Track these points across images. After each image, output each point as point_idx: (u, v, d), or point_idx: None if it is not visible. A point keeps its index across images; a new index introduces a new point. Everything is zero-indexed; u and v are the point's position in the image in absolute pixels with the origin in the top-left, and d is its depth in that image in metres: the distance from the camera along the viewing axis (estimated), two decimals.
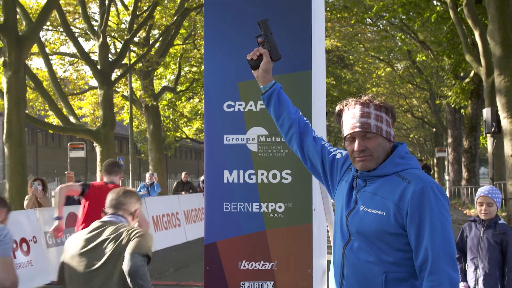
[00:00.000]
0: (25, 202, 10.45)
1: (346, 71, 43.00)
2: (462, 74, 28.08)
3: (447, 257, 2.74)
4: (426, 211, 2.76)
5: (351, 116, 2.98)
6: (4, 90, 18.63)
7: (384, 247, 2.85)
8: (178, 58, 33.24)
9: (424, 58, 34.63)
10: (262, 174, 4.10)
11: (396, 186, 2.86)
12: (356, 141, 2.95)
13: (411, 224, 2.78)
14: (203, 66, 32.27)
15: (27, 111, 22.34)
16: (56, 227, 6.43)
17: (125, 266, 3.40)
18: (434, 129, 47.71)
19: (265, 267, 4.05)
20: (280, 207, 4.06)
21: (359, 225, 2.92)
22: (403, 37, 32.61)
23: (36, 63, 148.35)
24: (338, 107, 3.08)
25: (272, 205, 4.06)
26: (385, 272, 2.84)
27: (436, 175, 44.97)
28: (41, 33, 26.20)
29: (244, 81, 4.17)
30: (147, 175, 20.44)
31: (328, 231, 3.96)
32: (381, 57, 40.14)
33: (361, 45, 38.48)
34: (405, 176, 2.88)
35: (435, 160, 46.84)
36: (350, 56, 41.24)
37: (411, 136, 58.98)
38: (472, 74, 26.30)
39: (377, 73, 43.97)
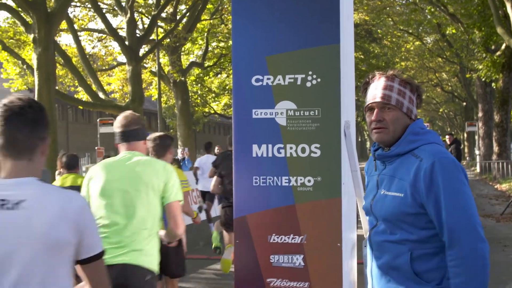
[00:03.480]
0: (56, 177, 10.60)
1: (375, 45, 42.62)
2: (493, 47, 27.64)
3: (468, 228, 2.73)
4: (439, 187, 2.76)
5: (374, 88, 3.00)
6: (35, 67, 18.82)
7: (407, 227, 2.86)
8: (206, 33, 33.21)
9: (454, 31, 34.13)
10: (291, 148, 4.09)
11: (410, 166, 2.85)
12: (375, 112, 2.95)
13: (429, 202, 2.78)
14: (230, 41, 32.03)
15: (57, 87, 22.54)
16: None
17: None
18: (464, 103, 47.21)
19: (294, 240, 4.06)
20: (309, 181, 4.05)
21: (382, 208, 2.93)
22: (432, 10, 32.15)
23: (65, 40, 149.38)
24: (365, 79, 3.09)
25: (301, 179, 4.06)
26: (410, 250, 2.85)
27: (466, 150, 44.59)
28: (70, 10, 26.33)
29: (272, 55, 4.15)
30: (179, 150, 20.52)
31: (357, 205, 3.95)
32: (410, 31, 39.68)
33: (390, 19, 38.06)
34: (418, 154, 2.87)
35: (465, 135, 46.43)
36: (379, 30, 40.85)
37: (441, 110, 58.45)
38: (503, 47, 25.86)
39: (406, 47, 43.48)
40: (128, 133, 4.55)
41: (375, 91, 2.97)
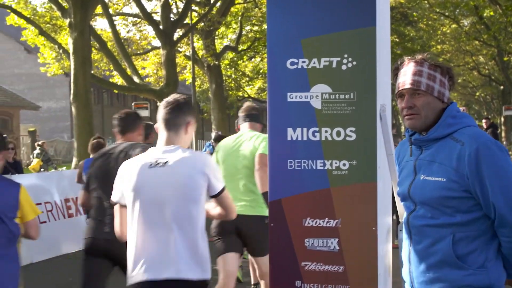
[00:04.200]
0: None
1: (410, 28, 42.08)
2: None
3: None
4: (485, 171, 2.75)
5: (403, 74, 2.97)
6: (71, 51, 19.03)
7: (450, 211, 2.84)
8: (240, 17, 33.10)
9: (492, 13, 33.52)
10: (326, 131, 4.08)
11: (451, 151, 2.83)
12: (405, 98, 2.93)
13: (474, 186, 2.77)
14: (264, 25, 32.12)
15: (92, 72, 22.77)
16: None
17: None
18: (502, 87, 46.43)
19: (329, 224, 4.05)
20: (344, 164, 4.04)
21: (422, 194, 2.91)
22: None
23: (100, 24, 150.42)
24: (394, 66, 3.06)
25: (336, 163, 4.05)
26: (452, 233, 2.83)
27: (503, 134, 43.95)
28: None
29: (307, 38, 4.13)
30: (212, 134, 20.59)
31: (392, 189, 3.93)
32: (447, 13, 39.06)
33: (426, 1, 37.51)
34: (458, 138, 2.84)
35: (502, 119, 45.70)
36: (414, 13, 40.28)
37: (477, 94, 57.58)
38: None
39: (442, 30, 42.87)
40: (250, 116, 6.16)
41: (405, 77, 2.95)
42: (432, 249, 2.88)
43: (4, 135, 4.83)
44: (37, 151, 24.31)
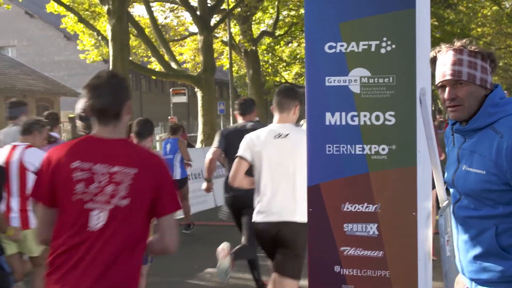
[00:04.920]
0: None
1: (449, 11, 41.38)
2: None
3: None
4: None
5: (442, 63, 2.86)
6: (109, 38, 19.18)
7: (492, 203, 2.78)
8: (276, 2, 32.95)
9: None
10: (364, 116, 4.04)
11: (491, 143, 2.74)
12: (447, 90, 2.83)
13: None
14: (301, 10, 31.97)
15: (130, 58, 22.93)
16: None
17: None
18: None
19: (368, 209, 4.02)
20: (383, 149, 4.00)
21: (464, 185, 2.86)
22: None
23: (138, 11, 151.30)
24: (431, 54, 2.96)
25: (375, 147, 4.01)
26: (495, 225, 2.78)
27: None
28: None
29: (345, 21, 4.09)
30: None
31: (433, 174, 3.88)
32: None
33: None
34: (498, 128, 2.75)
35: None
36: None
37: None
38: None
39: (482, 12, 42.09)
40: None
41: (444, 67, 2.84)
42: (477, 240, 2.83)
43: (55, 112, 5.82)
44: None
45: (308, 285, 4.23)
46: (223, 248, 6.24)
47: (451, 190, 3.03)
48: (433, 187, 3.93)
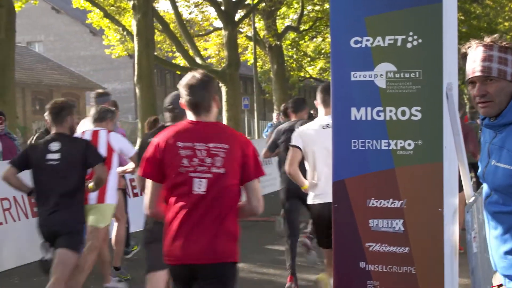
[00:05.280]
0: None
1: (476, 5, 40.98)
2: None
3: None
4: None
5: (472, 60, 2.82)
6: (134, 33, 19.29)
7: None
8: None
9: None
10: (390, 111, 4.01)
11: None
12: (476, 86, 2.80)
13: None
14: (326, 4, 31.86)
15: (155, 53, 23.02)
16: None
17: None
18: None
19: (394, 205, 4.00)
20: (409, 144, 3.97)
21: (493, 180, 2.83)
22: None
23: (163, 6, 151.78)
24: (462, 50, 2.94)
25: (401, 143, 3.98)
26: None
27: None
28: None
29: (371, 15, 4.06)
30: (274, 114, 20.60)
31: (459, 170, 3.84)
32: None
33: None
34: None
35: None
36: None
37: None
38: None
39: (509, 6, 41.61)
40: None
41: (474, 64, 2.80)
42: (507, 236, 2.81)
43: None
44: None
45: (333, 281, 4.22)
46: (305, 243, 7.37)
47: (484, 185, 3.00)
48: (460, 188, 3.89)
